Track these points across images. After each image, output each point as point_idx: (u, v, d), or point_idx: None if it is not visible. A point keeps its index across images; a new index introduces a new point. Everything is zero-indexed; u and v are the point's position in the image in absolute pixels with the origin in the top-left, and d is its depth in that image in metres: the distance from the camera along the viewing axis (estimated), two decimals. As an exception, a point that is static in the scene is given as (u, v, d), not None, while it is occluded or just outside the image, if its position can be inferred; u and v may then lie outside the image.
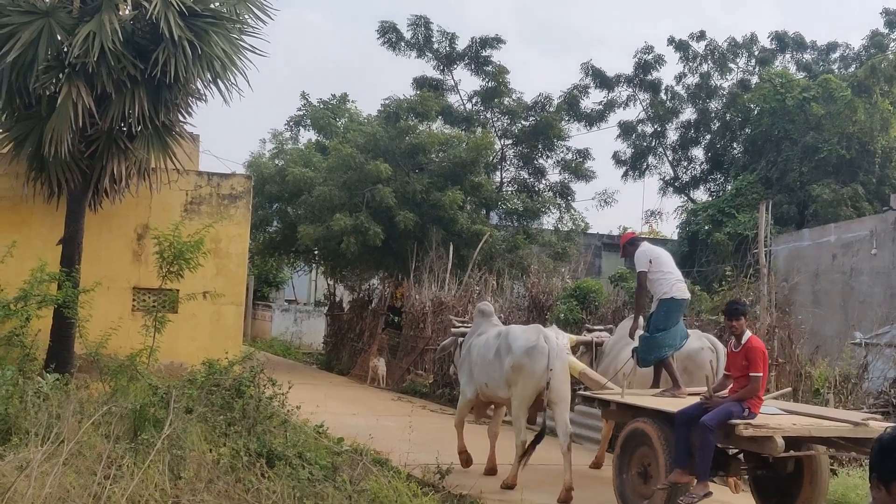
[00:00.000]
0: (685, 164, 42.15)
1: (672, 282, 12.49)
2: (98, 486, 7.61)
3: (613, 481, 11.22)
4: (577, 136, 41.97)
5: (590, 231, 38.79)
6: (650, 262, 12.60)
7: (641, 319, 12.74)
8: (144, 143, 16.48)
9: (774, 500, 11.16)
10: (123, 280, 18.91)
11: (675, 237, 39.44)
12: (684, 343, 12.47)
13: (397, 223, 25.82)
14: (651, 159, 41.94)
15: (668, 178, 42.11)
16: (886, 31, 39.38)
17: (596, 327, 15.54)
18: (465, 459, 13.13)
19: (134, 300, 19.04)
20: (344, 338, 30.11)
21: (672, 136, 41.58)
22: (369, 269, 30.58)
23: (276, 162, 32.61)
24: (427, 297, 23.35)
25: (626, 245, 13.36)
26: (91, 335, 14.71)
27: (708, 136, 41.01)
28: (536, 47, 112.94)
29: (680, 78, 40.71)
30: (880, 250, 24.18)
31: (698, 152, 41.72)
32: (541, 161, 31.99)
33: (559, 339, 12.39)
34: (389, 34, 32.89)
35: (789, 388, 13.16)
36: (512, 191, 31.70)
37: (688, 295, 12.79)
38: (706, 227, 33.71)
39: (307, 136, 35.89)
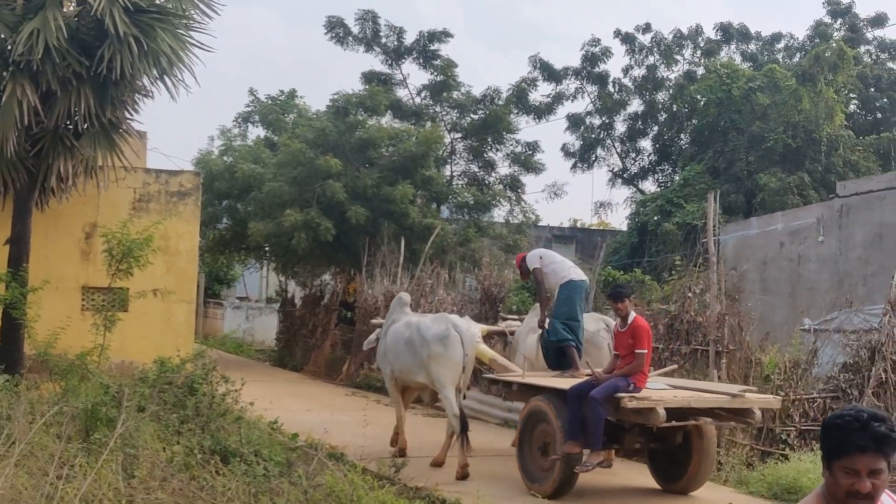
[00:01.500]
0: (633, 155, 42.39)
1: (567, 267, 13.79)
2: (50, 486, 7.54)
3: (517, 457, 12.04)
4: (526, 128, 42.24)
5: (540, 223, 38.90)
6: (540, 258, 13.90)
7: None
8: (91, 141, 16.32)
9: (668, 471, 12.17)
10: (72, 279, 18.73)
11: (625, 228, 39.68)
12: (581, 342, 13.42)
13: (348, 218, 25.74)
14: (599, 151, 42.12)
15: (616, 169, 42.33)
16: (830, 20, 39.82)
17: (509, 317, 16.63)
18: (401, 451, 13.57)
19: (83, 299, 18.88)
20: (297, 334, 30.02)
21: (620, 127, 41.80)
22: (321, 265, 30.48)
23: (225, 159, 32.36)
24: (379, 292, 23.29)
25: (521, 264, 14.36)
26: (40, 335, 14.56)
27: (655, 128, 41.26)
28: (484, 41, 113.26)
29: (627, 70, 40.92)
30: (827, 237, 24.44)
31: (646, 143, 41.99)
32: (490, 154, 31.99)
33: (470, 328, 13.39)
34: (337, 29, 32.74)
35: (674, 366, 13.95)
36: (462, 184, 31.68)
37: (584, 277, 13.95)
38: (655, 218, 33.90)
39: (256, 132, 35.72)
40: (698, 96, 36.51)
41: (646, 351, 11.15)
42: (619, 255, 35.46)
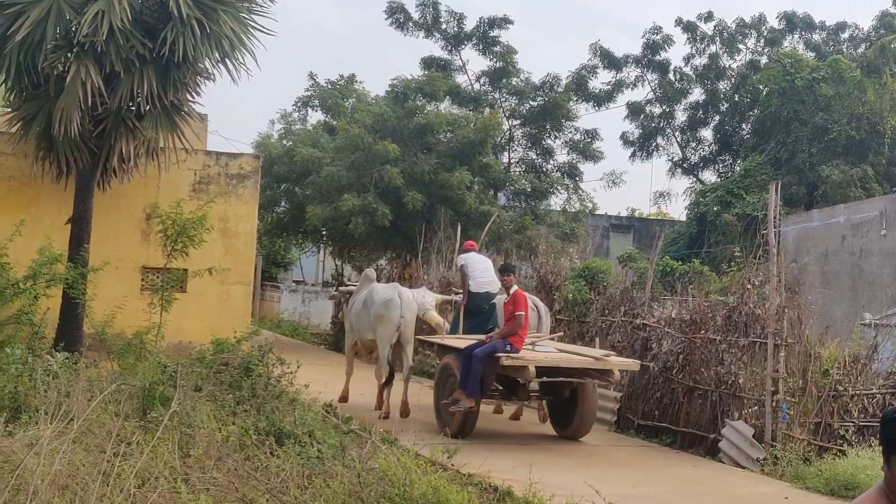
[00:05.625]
0: (693, 144, 42.10)
1: (475, 278, 16.25)
2: (107, 463, 7.61)
3: (434, 404, 14.58)
4: (585, 116, 41.97)
5: (598, 212, 38.73)
6: (464, 265, 16.63)
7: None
8: (153, 123, 16.48)
9: (561, 420, 14.68)
10: (132, 260, 18.95)
11: (684, 218, 39.39)
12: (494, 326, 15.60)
13: (405, 203, 25.76)
14: (659, 140, 41.90)
15: (676, 158, 42.06)
16: (895, 11, 39.19)
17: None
18: (343, 398, 16.17)
19: (142, 280, 19.09)
20: (352, 318, 30.06)
21: (680, 116, 41.54)
22: (377, 250, 30.53)
23: (284, 142, 32.52)
24: (435, 278, 23.30)
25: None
26: (100, 314, 14.72)
27: (717, 117, 40.93)
28: (543, 28, 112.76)
29: (688, 59, 40.63)
30: (890, 231, 24.10)
31: (707, 133, 41.69)
32: (549, 141, 31.87)
33: (414, 296, 15.94)
34: (397, 14, 32.81)
35: (560, 333, 16.72)
36: (520, 171, 31.58)
37: (484, 290, 16.26)
38: (715, 208, 33.64)
39: (315, 116, 35.82)
40: (761, 86, 36.12)
41: (523, 313, 13.62)
42: (678, 245, 35.24)
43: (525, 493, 9.47)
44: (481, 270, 16.44)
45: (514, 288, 14.11)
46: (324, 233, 31.52)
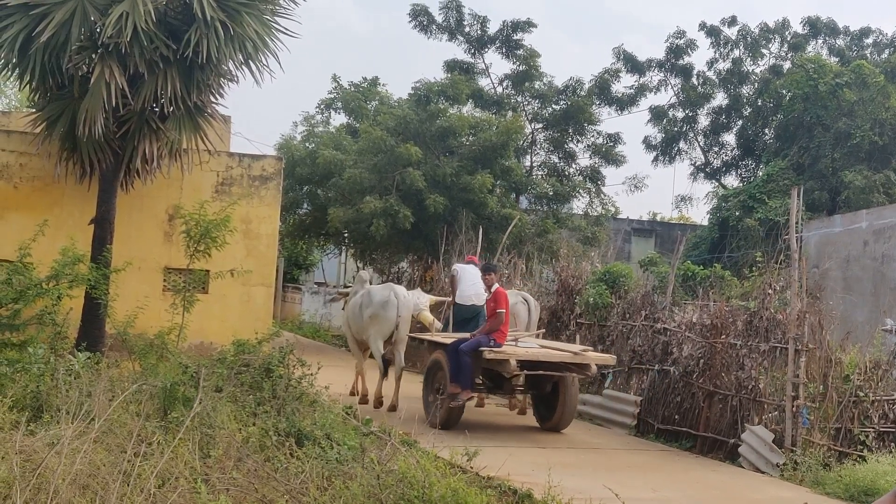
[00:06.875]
0: (716, 149, 41.98)
1: (462, 291, 16.96)
2: (128, 463, 7.65)
3: (423, 398, 15.21)
4: (608, 120, 41.69)
5: (620, 216, 38.65)
6: (455, 269, 17.60)
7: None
8: (176, 124, 16.55)
9: (544, 413, 15.37)
10: (154, 260, 19.01)
11: (706, 222, 39.27)
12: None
13: (427, 206, 25.77)
14: (682, 144, 41.81)
15: (698, 163, 41.94)
16: (921, 16, 38.99)
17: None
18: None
19: (164, 280, 19.15)
20: (373, 320, 30.07)
21: (703, 121, 41.42)
22: (399, 252, 30.58)
23: (307, 144, 32.61)
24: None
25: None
26: (121, 315, 14.76)
27: (739, 122, 40.79)
28: (566, 32, 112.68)
29: (712, 63, 40.51)
30: (913, 237, 23.95)
31: (729, 138, 41.56)
32: (571, 145, 31.86)
33: (408, 296, 16.56)
34: (421, 17, 32.88)
35: (542, 330, 17.50)
36: (542, 175, 31.57)
37: (470, 302, 16.86)
38: (737, 213, 33.51)
39: (338, 119, 35.92)
40: (784, 91, 35.96)
41: (504, 311, 14.26)
42: (700, 249, 35.13)
43: (544, 496, 9.46)
44: (470, 284, 16.96)
45: (495, 286, 14.82)
46: (345, 235, 31.59)
